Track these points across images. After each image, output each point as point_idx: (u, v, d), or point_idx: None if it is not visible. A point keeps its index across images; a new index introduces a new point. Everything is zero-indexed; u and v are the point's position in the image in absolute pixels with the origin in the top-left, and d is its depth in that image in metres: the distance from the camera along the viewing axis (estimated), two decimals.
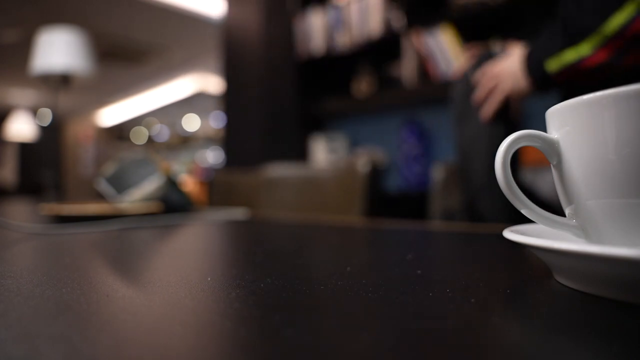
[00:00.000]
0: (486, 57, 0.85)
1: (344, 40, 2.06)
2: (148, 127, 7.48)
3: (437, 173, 0.80)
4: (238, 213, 0.77)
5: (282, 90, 2.21)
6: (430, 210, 0.80)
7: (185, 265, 0.27)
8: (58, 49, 1.85)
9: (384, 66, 2.06)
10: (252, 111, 2.19)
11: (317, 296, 0.19)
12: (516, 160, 0.77)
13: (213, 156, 6.47)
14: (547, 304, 0.18)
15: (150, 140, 7.59)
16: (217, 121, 6.18)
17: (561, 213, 0.25)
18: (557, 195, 0.25)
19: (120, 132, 7.31)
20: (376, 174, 0.88)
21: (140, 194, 0.74)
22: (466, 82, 0.84)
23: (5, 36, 3.69)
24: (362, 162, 0.91)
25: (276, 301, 0.19)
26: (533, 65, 0.72)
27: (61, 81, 1.92)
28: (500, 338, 0.14)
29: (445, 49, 1.73)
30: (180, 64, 4.69)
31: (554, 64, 0.72)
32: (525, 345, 0.13)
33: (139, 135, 7.51)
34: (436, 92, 1.75)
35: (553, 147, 0.23)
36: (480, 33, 1.76)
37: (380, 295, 0.19)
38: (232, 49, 2.33)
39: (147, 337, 0.14)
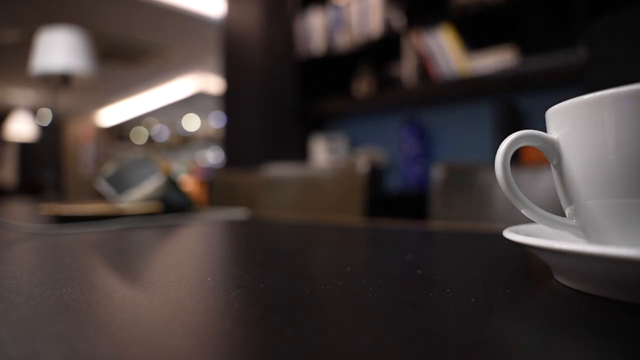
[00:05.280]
0: None
1: (344, 40, 2.06)
2: (148, 127, 7.48)
3: (437, 173, 0.80)
4: (238, 213, 0.77)
5: (282, 90, 2.21)
6: (430, 210, 0.80)
7: (185, 265, 0.27)
8: (58, 49, 1.85)
9: (384, 66, 2.07)
10: (252, 111, 2.19)
11: (317, 296, 0.19)
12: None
13: (213, 156, 6.47)
14: (547, 304, 0.18)
15: (150, 140, 7.59)
16: (217, 121, 6.18)
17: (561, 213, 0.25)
18: (556, 195, 0.25)
19: (120, 132, 7.31)
20: (376, 174, 0.89)
21: (140, 194, 0.74)
22: None
23: (5, 36, 3.69)
24: (362, 162, 0.91)
25: (276, 301, 0.19)
26: None
27: (61, 81, 1.92)
28: (500, 338, 0.14)
29: (445, 49, 1.73)
30: (180, 64, 4.69)
31: None
32: (525, 345, 0.13)
33: (139, 135, 7.51)
34: (436, 92, 1.75)
35: (553, 147, 0.23)
36: (480, 33, 1.76)
37: (380, 295, 0.19)
38: (232, 49, 2.33)
39: (147, 337, 0.14)
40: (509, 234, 0.23)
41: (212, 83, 5.21)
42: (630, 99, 0.19)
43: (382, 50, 2.02)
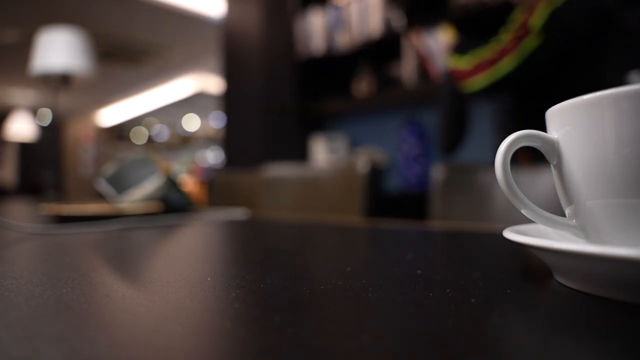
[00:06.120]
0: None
1: (344, 40, 2.06)
2: (148, 127, 7.48)
3: (437, 173, 0.80)
4: (238, 213, 0.77)
5: (282, 90, 2.21)
6: (430, 210, 0.80)
7: (185, 265, 0.27)
8: (58, 49, 1.85)
9: (384, 66, 2.06)
10: (252, 111, 2.19)
11: (317, 296, 0.19)
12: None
13: (213, 156, 6.47)
14: (547, 304, 0.18)
15: (150, 140, 7.59)
16: (217, 121, 6.18)
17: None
18: (556, 195, 0.25)
19: (120, 132, 7.31)
20: (376, 174, 0.89)
21: (140, 194, 0.74)
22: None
23: (5, 36, 3.69)
24: (362, 162, 0.91)
25: (276, 301, 0.19)
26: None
27: (61, 81, 1.92)
28: (500, 338, 0.14)
29: (445, 49, 1.73)
30: (180, 64, 4.69)
31: (449, 60, 1.17)
32: (525, 345, 0.13)
33: (139, 135, 7.51)
34: (436, 92, 1.75)
35: (553, 147, 0.23)
36: (480, 33, 1.76)
37: (380, 295, 0.19)
38: (232, 49, 2.33)
39: (147, 337, 0.14)
40: (509, 234, 0.23)
41: (212, 83, 5.21)
42: (630, 99, 0.19)
43: (382, 50, 2.02)
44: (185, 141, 7.49)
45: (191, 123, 7.32)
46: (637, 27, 1.06)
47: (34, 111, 6.31)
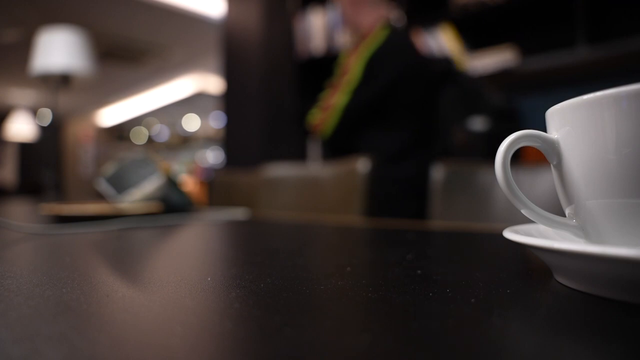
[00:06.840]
0: None
1: (344, 40, 2.06)
2: (148, 127, 7.48)
3: (437, 173, 0.80)
4: (238, 213, 0.77)
5: (282, 90, 2.21)
6: (430, 210, 0.80)
7: (185, 265, 0.27)
8: (58, 49, 1.85)
9: None
10: (252, 111, 2.19)
11: (317, 296, 0.19)
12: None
13: (213, 156, 6.47)
14: (547, 304, 0.18)
15: (150, 140, 7.59)
16: (217, 121, 6.18)
17: None
18: (556, 195, 0.25)
19: (120, 132, 7.31)
20: (376, 173, 0.89)
21: (140, 194, 0.74)
22: None
23: (5, 36, 3.69)
24: (362, 162, 0.91)
25: (276, 301, 0.19)
26: None
27: (61, 81, 1.92)
28: (500, 338, 0.14)
29: (445, 49, 1.73)
30: (180, 64, 4.69)
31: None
32: (525, 345, 0.13)
33: (139, 135, 7.51)
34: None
35: (553, 147, 0.23)
36: (480, 33, 1.76)
37: (380, 295, 0.19)
38: (232, 49, 2.33)
39: (147, 337, 0.14)
40: (509, 234, 0.23)
41: (212, 83, 5.21)
42: (630, 99, 0.19)
43: None
44: (185, 141, 7.50)
45: (191, 123, 7.32)
46: (466, 87, 1.37)
47: (34, 111, 6.31)
